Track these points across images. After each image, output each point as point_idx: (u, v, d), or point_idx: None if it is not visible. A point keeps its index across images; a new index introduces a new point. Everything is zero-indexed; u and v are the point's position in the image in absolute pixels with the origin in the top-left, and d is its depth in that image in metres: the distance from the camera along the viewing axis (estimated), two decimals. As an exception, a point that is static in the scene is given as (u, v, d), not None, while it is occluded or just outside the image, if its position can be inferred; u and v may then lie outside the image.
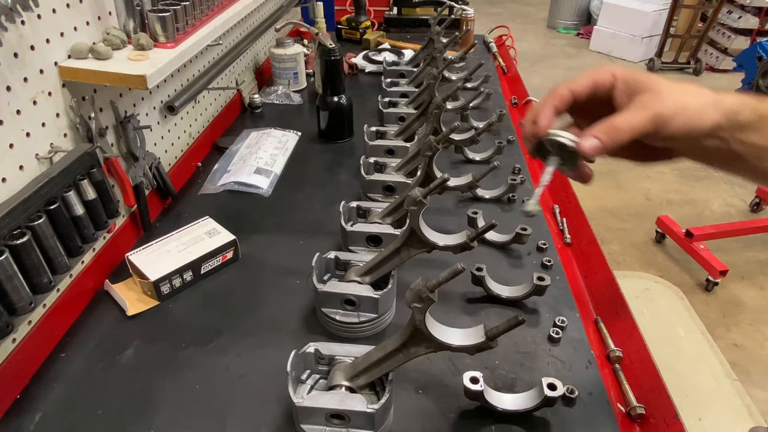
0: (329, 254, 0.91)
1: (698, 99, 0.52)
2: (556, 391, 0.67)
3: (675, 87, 0.53)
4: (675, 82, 0.54)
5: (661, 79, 0.53)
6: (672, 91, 0.52)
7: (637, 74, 0.54)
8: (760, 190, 3.28)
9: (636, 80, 0.53)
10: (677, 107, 0.51)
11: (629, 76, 0.54)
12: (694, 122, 0.51)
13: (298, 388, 0.73)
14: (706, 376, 2.00)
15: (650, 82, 0.53)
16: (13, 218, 0.71)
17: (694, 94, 0.53)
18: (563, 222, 1.17)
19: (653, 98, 0.52)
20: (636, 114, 0.51)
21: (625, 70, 0.55)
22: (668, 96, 0.52)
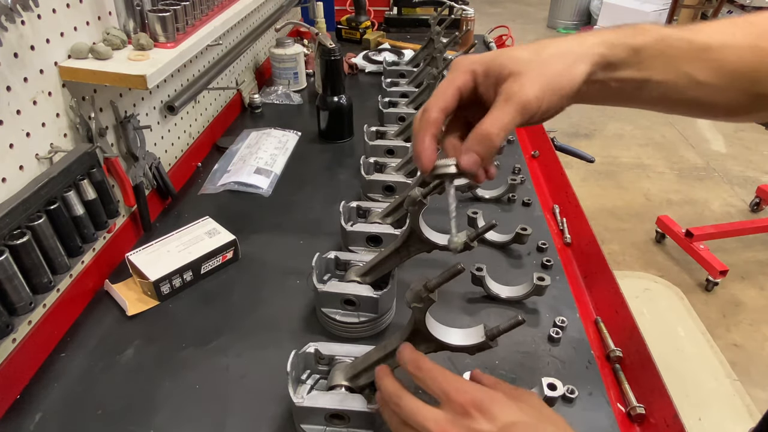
0: (329, 254, 0.91)
1: (562, 62, 0.50)
2: (556, 391, 0.67)
3: (536, 58, 0.50)
4: (538, 45, 0.52)
5: (522, 51, 0.51)
6: (533, 67, 0.50)
7: (497, 57, 0.51)
8: (760, 190, 3.28)
9: (496, 66, 0.51)
10: (542, 86, 0.49)
11: (488, 65, 0.51)
12: (564, 90, 0.50)
13: (298, 388, 0.73)
14: (706, 376, 2.00)
15: (510, 62, 0.50)
16: (13, 218, 0.71)
17: (558, 57, 0.50)
18: (563, 222, 1.17)
19: (515, 85, 0.49)
20: (502, 112, 0.49)
21: (484, 58, 0.52)
22: (530, 76, 0.49)
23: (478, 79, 0.52)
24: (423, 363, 0.55)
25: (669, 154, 4.02)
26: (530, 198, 1.21)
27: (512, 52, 0.51)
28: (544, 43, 0.52)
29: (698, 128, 4.44)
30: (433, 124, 0.52)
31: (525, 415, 0.50)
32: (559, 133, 3.51)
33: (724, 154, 4.04)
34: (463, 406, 0.50)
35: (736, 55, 0.52)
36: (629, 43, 0.52)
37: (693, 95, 0.54)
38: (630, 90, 0.54)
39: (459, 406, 0.50)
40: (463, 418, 0.49)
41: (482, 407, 0.49)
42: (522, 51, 0.51)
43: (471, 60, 0.53)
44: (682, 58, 0.52)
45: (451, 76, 0.52)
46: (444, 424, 0.49)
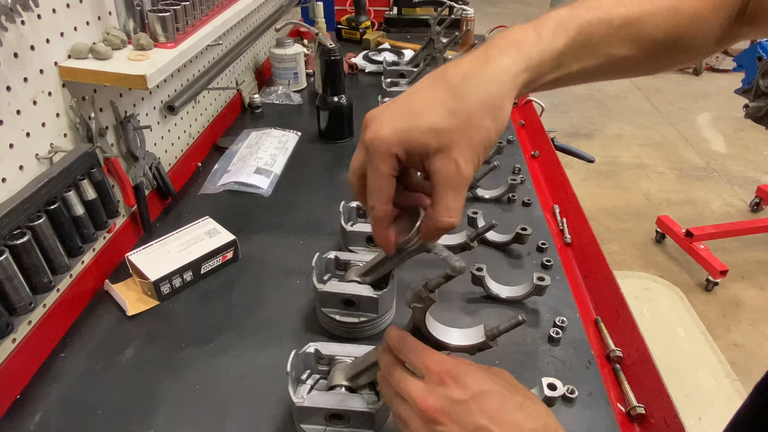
0: (329, 254, 0.91)
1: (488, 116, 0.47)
2: (556, 391, 0.67)
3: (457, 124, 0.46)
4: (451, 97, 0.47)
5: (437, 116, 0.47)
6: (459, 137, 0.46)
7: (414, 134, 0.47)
8: (760, 190, 3.28)
9: (417, 146, 0.48)
10: (475, 152, 0.47)
11: (408, 146, 0.48)
12: (494, 141, 0.48)
13: (298, 388, 0.73)
14: (706, 376, 2.00)
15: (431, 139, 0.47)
16: (13, 218, 0.71)
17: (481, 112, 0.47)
18: (563, 222, 1.17)
19: (449, 165, 0.47)
20: (449, 198, 0.48)
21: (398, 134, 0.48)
22: (460, 149, 0.46)
23: (402, 159, 0.49)
24: (406, 339, 0.58)
25: (669, 154, 4.02)
26: (530, 198, 1.21)
27: (425, 120, 0.47)
28: (457, 94, 0.47)
29: (698, 128, 4.44)
30: (384, 219, 0.53)
31: (496, 384, 0.54)
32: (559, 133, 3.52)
33: (724, 154, 4.04)
34: (440, 375, 0.53)
35: (652, 23, 0.53)
36: (553, 54, 0.51)
37: (610, 69, 0.55)
38: (549, 85, 0.54)
39: (436, 376, 0.54)
40: (439, 387, 0.53)
41: (456, 377, 0.53)
42: (436, 116, 0.47)
43: (386, 140, 0.48)
44: (601, 42, 0.53)
45: (377, 166, 0.49)
46: (422, 392, 0.54)
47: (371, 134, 0.49)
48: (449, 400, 0.52)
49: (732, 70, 5.07)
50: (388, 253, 0.57)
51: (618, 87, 5.17)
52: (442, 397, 0.52)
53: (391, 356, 0.60)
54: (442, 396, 0.53)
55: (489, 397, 0.52)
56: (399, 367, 0.58)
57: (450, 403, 0.52)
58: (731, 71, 5.14)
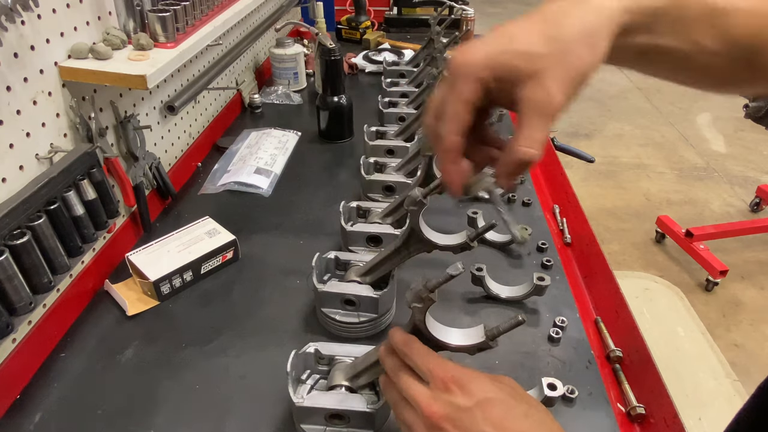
0: (329, 254, 0.91)
1: (585, 46, 0.44)
2: (556, 391, 0.67)
3: (553, 49, 0.44)
4: (550, 26, 0.45)
5: (533, 40, 0.44)
6: (553, 62, 0.44)
7: (505, 56, 0.45)
8: (760, 190, 3.28)
9: (508, 69, 0.45)
10: (569, 83, 0.44)
11: (498, 69, 0.45)
12: (589, 77, 0.45)
13: (298, 388, 0.73)
14: (706, 376, 2.00)
15: (525, 62, 0.44)
16: (13, 218, 0.71)
17: (579, 42, 0.44)
18: (563, 222, 1.17)
19: (540, 90, 0.44)
20: (533, 128, 0.44)
21: (489, 56, 0.45)
22: (553, 74, 0.44)
23: (488, 86, 0.46)
24: (412, 344, 0.58)
25: (669, 154, 4.02)
26: (530, 198, 1.21)
27: (521, 43, 0.45)
28: (556, 21, 0.45)
29: (698, 128, 4.44)
30: (453, 151, 0.48)
31: (501, 392, 0.53)
32: (559, 133, 3.52)
33: (724, 154, 4.04)
34: (444, 382, 0.53)
35: (742, 19, 0.50)
36: (649, 6, 0.47)
37: (697, 63, 0.51)
38: (633, 55, 0.50)
39: (441, 382, 0.54)
40: (444, 393, 0.53)
41: (461, 384, 0.53)
42: (533, 39, 0.44)
43: (474, 63, 0.45)
44: (694, 23, 0.49)
45: (458, 89, 0.46)
46: (427, 398, 0.54)
47: (459, 57, 0.46)
48: (454, 407, 0.52)
49: (732, 70, 5.06)
50: (454, 195, 0.50)
51: (618, 87, 5.17)
52: (447, 404, 0.52)
53: (396, 359, 0.60)
54: (447, 403, 0.52)
55: (494, 405, 0.52)
56: (404, 370, 0.58)
57: (455, 410, 0.52)
58: (731, 71, 5.14)
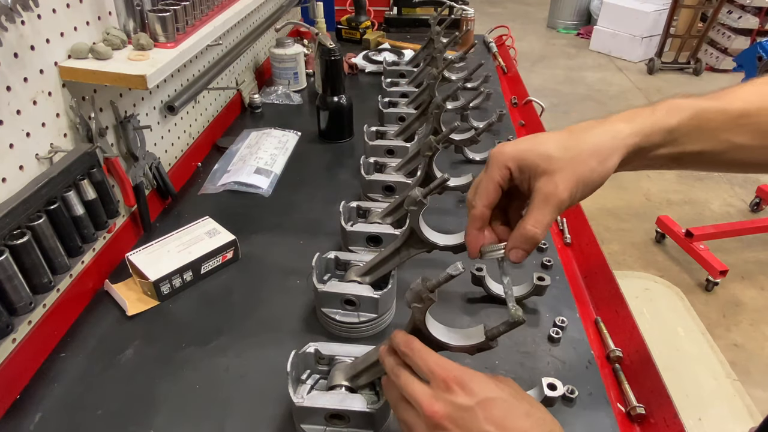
0: (329, 254, 0.91)
1: (594, 159, 0.54)
2: (556, 391, 0.67)
3: (567, 157, 0.54)
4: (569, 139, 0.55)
5: (552, 146, 0.55)
6: (565, 166, 0.54)
7: (529, 153, 0.55)
8: (760, 190, 3.28)
9: (529, 164, 0.55)
10: (575, 184, 0.54)
11: (522, 163, 0.56)
12: (595, 184, 0.55)
13: (298, 388, 0.73)
14: (706, 376, 2.00)
15: (542, 161, 0.54)
16: (13, 218, 0.71)
17: (589, 154, 0.54)
18: (563, 222, 1.17)
19: (550, 185, 0.54)
20: (541, 213, 0.54)
21: (518, 153, 0.56)
22: (563, 176, 0.53)
23: (513, 174, 0.56)
24: (412, 344, 0.59)
25: (669, 154, 4.01)
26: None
27: (544, 147, 0.55)
28: (575, 137, 0.56)
29: (698, 128, 4.43)
30: (480, 219, 0.58)
31: (502, 392, 0.54)
32: (559, 133, 3.50)
33: (724, 154, 4.03)
34: (446, 381, 0.54)
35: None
36: (664, 127, 0.55)
37: (733, 157, 0.58)
38: (665, 162, 0.58)
39: (442, 382, 0.54)
40: (445, 393, 0.53)
41: (463, 383, 0.53)
42: (552, 146, 0.55)
43: (505, 155, 0.56)
44: (719, 128, 0.56)
45: (491, 173, 0.57)
46: (428, 397, 0.54)
47: (497, 149, 0.58)
48: (455, 407, 0.52)
49: (732, 70, 5.08)
50: (471, 256, 0.60)
51: (618, 87, 5.18)
52: (448, 403, 0.53)
53: (396, 359, 0.60)
54: (448, 402, 0.53)
55: (495, 404, 0.52)
56: (405, 370, 0.58)
57: (456, 410, 0.52)
58: (731, 71, 5.15)
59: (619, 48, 5.79)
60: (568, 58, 5.87)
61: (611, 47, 5.87)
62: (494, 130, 1.49)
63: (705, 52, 5.49)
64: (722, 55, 5.34)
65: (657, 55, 5.42)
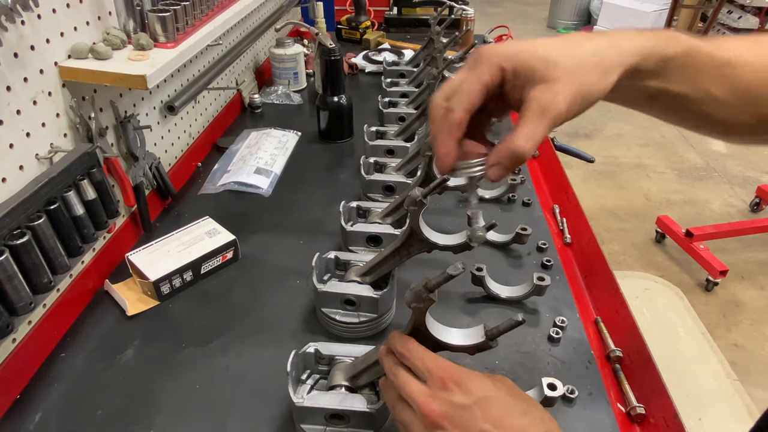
0: (329, 254, 0.91)
1: (596, 70, 0.48)
2: (556, 391, 0.67)
3: (569, 63, 0.47)
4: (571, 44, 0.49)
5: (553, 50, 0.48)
6: (566, 74, 0.47)
7: (527, 55, 0.48)
8: (760, 190, 3.28)
9: (527, 68, 0.48)
10: (574, 96, 0.47)
11: (518, 65, 0.48)
12: (592, 99, 0.49)
13: (298, 388, 0.73)
14: (706, 376, 1.99)
15: (543, 66, 0.47)
16: (13, 218, 0.71)
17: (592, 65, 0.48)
18: (563, 222, 1.17)
19: (548, 94, 0.47)
20: (534, 125, 0.47)
21: (512, 52, 0.48)
22: (563, 85, 0.47)
23: (506, 77, 0.49)
24: (409, 344, 0.59)
25: (669, 154, 4.02)
26: (530, 198, 1.21)
27: (543, 49, 0.48)
28: (577, 44, 0.49)
29: (698, 128, 4.43)
30: (458, 127, 0.50)
31: (499, 390, 0.54)
32: (559, 133, 3.51)
33: (724, 154, 4.04)
34: (443, 380, 0.54)
35: (752, 73, 0.53)
36: (662, 53, 0.51)
37: (705, 110, 0.54)
38: (645, 98, 0.54)
39: (439, 381, 0.54)
40: (442, 391, 0.53)
41: (460, 382, 0.53)
42: (553, 49, 0.48)
43: (498, 53, 0.49)
44: (703, 72, 0.52)
45: (478, 71, 0.49)
46: (426, 396, 0.54)
47: (487, 47, 0.49)
48: (452, 405, 0.52)
49: (732, 70, 5.06)
50: (442, 172, 0.53)
51: (618, 87, 5.17)
52: (446, 402, 0.52)
53: (394, 359, 0.60)
54: (445, 401, 0.53)
55: (492, 403, 0.52)
56: (403, 369, 0.58)
57: (453, 408, 0.52)
58: (731, 71, 5.14)
59: (619, 48, 5.79)
60: (568, 58, 5.86)
61: (611, 47, 5.87)
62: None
63: (705, 52, 5.48)
64: (722, 55, 5.34)
65: (657, 55, 5.42)
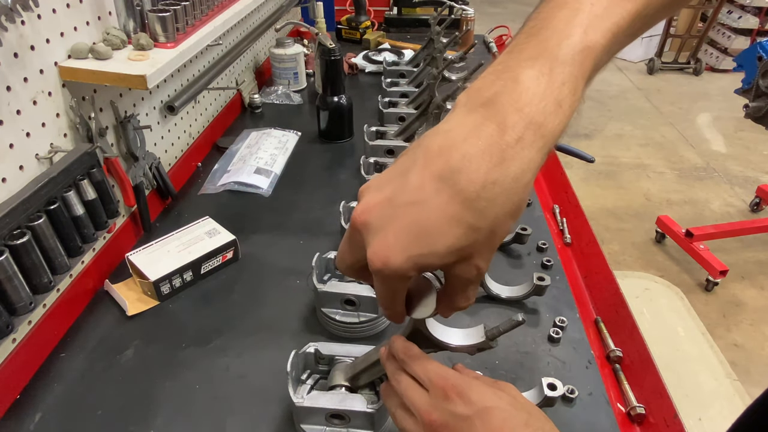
0: (329, 254, 0.91)
1: (512, 217, 0.42)
2: (556, 391, 0.67)
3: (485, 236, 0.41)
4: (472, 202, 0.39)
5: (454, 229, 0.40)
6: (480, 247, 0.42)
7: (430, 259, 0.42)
8: (760, 190, 3.28)
9: (435, 267, 0.43)
10: (494, 251, 0.44)
11: (425, 268, 0.43)
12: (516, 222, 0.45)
13: (298, 388, 0.73)
14: (706, 376, 2.00)
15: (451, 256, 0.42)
16: (13, 218, 0.71)
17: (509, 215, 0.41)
18: (563, 222, 1.17)
19: (467, 270, 0.44)
20: (465, 294, 0.47)
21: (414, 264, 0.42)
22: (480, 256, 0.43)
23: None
24: (411, 351, 0.58)
25: (669, 154, 4.02)
26: (530, 198, 1.21)
27: (443, 243, 0.41)
28: (476, 207, 0.40)
29: (698, 128, 4.44)
30: (401, 316, 0.52)
31: (501, 401, 0.53)
32: (559, 133, 3.50)
33: (724, 154, 4.04)
34: (444, 390, 0.53)
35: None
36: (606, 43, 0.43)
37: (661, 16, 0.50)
38: None
39: (441, 390, 0.53)
40: (443, 401, 0.53)
41: (461, 392, 0.53)
42: (453, 232, 0.40)
43: (397, 269, 0.42)
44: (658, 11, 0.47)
45: (390, 289, 0.47)
46: (427, 406, 0.53)
47: (379, 263, 0.42)
48: (453, 416, 0.52)
49: (732, 70, 5.07)
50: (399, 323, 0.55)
51: (618, 87, 5.17)
52: (447, 413, 0.52)
53: (397, 364, 0.60)
54: (446, 411, 0.52)
55: (493, 414, 0.51)
56: (405, 376, 0.58)
57: (454, 419, 0.52)
58: (731, 71, 5.14)
59: (619, 48, 5.78)
60: (568, 58, 5.86)
61: (611, 47, 5.85)
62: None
63: (705, 52, 5.49)
64: (722, 55, 5.35)
65: (657, 55, 5.42)
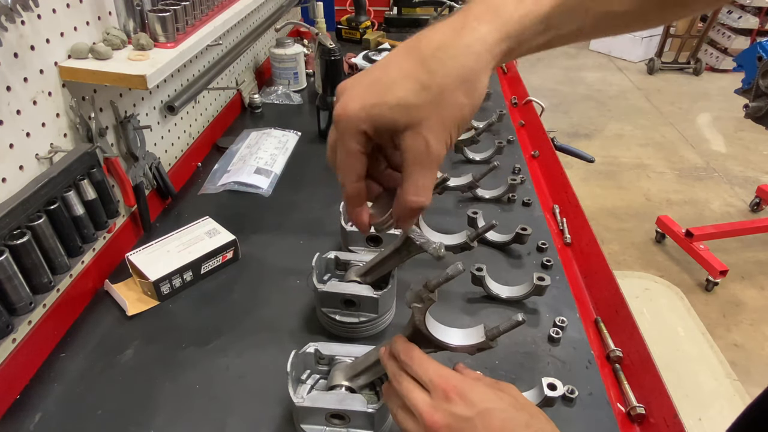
0: (329, 254, 0.91)
1: (462, 91, 0.44)
2: (556, 391, 0.67)
3: (429, 99, 0.43)
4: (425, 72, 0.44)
5: (407, 85, 0.44)
6: (430, 113, 0.43)
7: (380, 111, 0.44)
8: (760, 190, 3.28)
9: (385, 122, 0.45)
10: (448, 130, 0.44)
11: (375, 121, 0.45)
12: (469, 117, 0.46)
13: (298, 388, 0.73)
14: (706, 376, 2.00)
15: (400, 114, 0.44)
16: (13, 218, 0.71)
17: (456, 87, 0.43)
18: (563, 222, 1.17)
19: (418, 142, 0.44)
20: (417, 176, 0.46)
21: (367, 117, 0.45)
22: (430, 126, 0.44)
23: (371, 135, 0.46)
24: (413, 352, 0.58)
25: (669, 154, 4.02)
26: (530, 198, 1.21)
27: (394, 94, 0.44)
28: (430, 67, 0.44)
29: (698, 128, 4.44)
30: (356, 197, 0.51)
31: (502, 402, 0.53)
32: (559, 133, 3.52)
33: (724, 154, 4.04)
34: (445, 391, 0.53)
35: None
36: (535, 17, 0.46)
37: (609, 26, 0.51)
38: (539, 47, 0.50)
39: (442, 392, 0.54)
40: (445, 402, 0.53)
41: (462, 393, 0.53)
42: (406, 89, 0.44)
43: (353, 117, 0.45)
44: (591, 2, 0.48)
45: (344, 143, 0.47)
46: (428, 407, 0.54)
47: (339, 110, 0.46)
48: (455, 417, 0.52)
49: (732, 70, 5.07)
50: (363, 233, 0.55)
51: (618, 87, 5.18)
52: (448, 414, 0.52)
53: (398, 365, 0.60)
54: (447, 412, 0.52)
55: (494, 415, 0.52)
56: (406, 377, 0.58)
57: (455, 420, 0.52)
58: (731, 71, 5.15)
59: (619, 48, 5.79)
60: (568, 58, 5.87)
61: (611, 47, 5.87)
62: (494, 130, 1.49)
63: (705, 52, 5.49)
64: (722, 55, 5.35)
65: (657, 55, 5.42)
